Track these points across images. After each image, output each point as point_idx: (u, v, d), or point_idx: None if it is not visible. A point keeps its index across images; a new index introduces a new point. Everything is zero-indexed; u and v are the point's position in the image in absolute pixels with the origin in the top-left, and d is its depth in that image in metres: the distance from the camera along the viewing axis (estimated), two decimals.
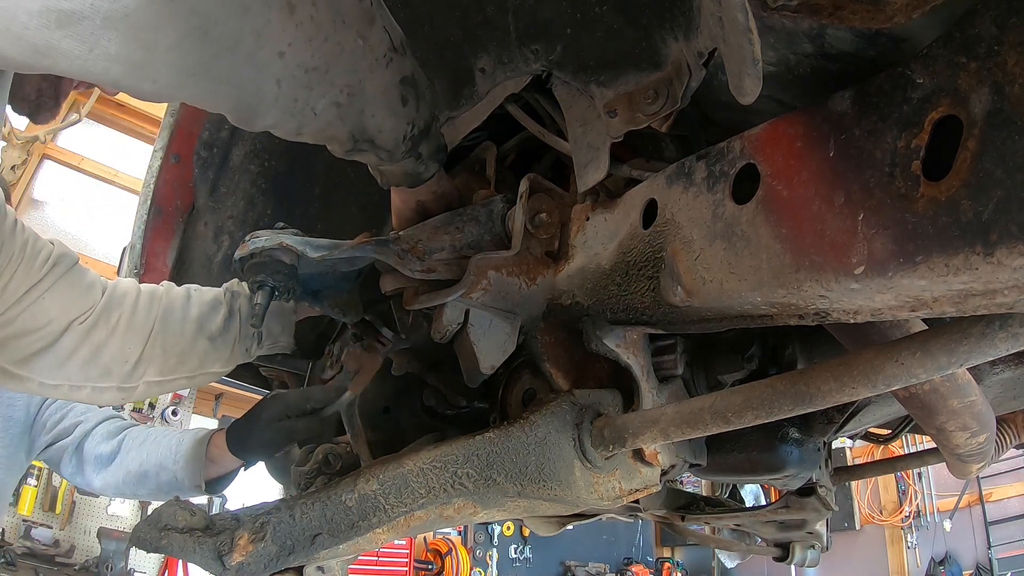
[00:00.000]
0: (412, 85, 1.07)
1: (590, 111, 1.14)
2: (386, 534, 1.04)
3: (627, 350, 1.14)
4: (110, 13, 0.69)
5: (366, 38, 0.95)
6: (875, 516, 7.68)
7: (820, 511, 1.55)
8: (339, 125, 1.00)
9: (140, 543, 0.96)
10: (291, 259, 1.17)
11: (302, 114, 0.94)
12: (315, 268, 1.24)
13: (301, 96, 0.91)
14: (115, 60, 0.73)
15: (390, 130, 1.07)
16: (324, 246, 1.15)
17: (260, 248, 1.15)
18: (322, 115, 0.95)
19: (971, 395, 0.97)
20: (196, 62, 0.78)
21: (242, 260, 1.18)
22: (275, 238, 1.15)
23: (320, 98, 0.93)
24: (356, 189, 1.75)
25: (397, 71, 1.03)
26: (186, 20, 0.74)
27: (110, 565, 5.72)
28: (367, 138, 1.05)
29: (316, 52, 0.87)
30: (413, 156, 1.15)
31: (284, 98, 0.89)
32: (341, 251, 1.14)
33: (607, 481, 1.15)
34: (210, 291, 1.41)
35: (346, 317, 1.45)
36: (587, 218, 1.17)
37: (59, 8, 0.67)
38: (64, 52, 0.71)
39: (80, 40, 0.70)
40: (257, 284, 1.18)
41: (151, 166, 1.68)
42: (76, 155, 7.04)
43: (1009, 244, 0.55)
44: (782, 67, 0.78)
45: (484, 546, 8.36)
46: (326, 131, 1.00)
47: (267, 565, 0.96)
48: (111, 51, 0.72)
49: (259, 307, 1.20)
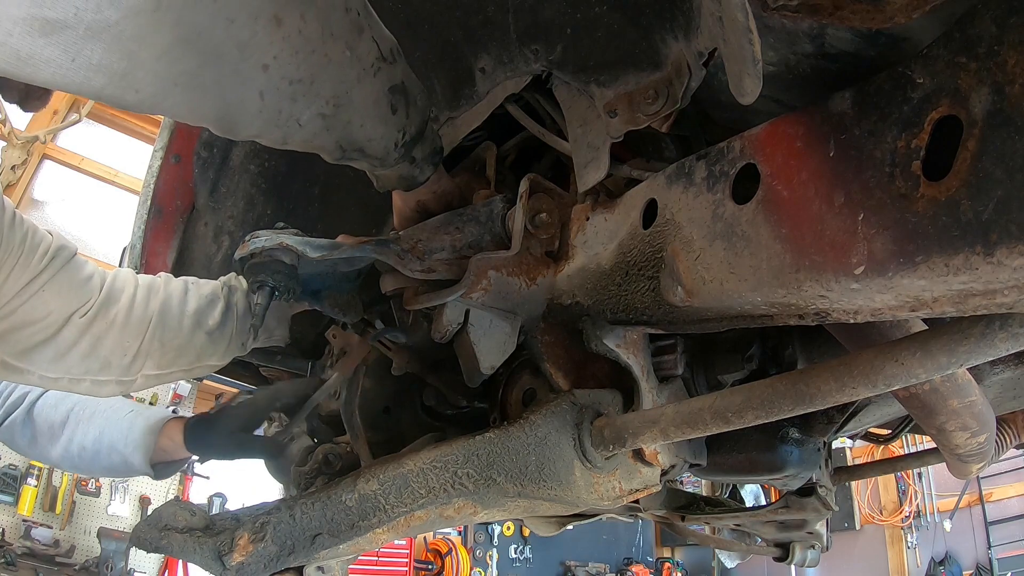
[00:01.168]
0: (402, 93, 1.06)
1: (590, 111, 1.14)
2: (386, 534, 1.05)
3: (627, 350, 1.15)
4: (94, 23, 0.69)
5: (353, 49, 0.94)
6: (875, 516, 7.67)
7: (820, 511, 1.55)
8: (325, 136, 1.00)
9: (140, 543, 0.96)
10: (291, 259, 1.17)
11: (286, 125, 0.93)
12: (315, 268, 1.24)
13: (285, 108, 0.90)
14: (97, 70, 0.73)
15: (380, 138, 1.06)
16: (324, 246, 1.15)
17: (260, 248, 1.15)
18: (307, 126, 0.95)
19: (971, 395, 0.97)
20: (180, 72, 0.78)
21: (242, 260, 1.18)
22: (275, 238, 1.15)
23: (305, 110, 0.92)
24: (356, 189, 1.75)
25: (386, 80, 1.02)
26: (171, 31, 0.73)
27: (110, 565, 5.72)
28: (356, 147, 1.05)
29: (302, 65, 0.87)
30: (407, 161, 1.15)
31: (268, 110, 0.89)
32: (341, 251, 1.14)
33: (607, 481, 1.15)
34: (208, 284, 1.40)
35: (346, 317, 1.45)
36: (587, 218, 1.17)
37: (43, 17, 0.66)
38: (46, 60, 0.70)
39: (63, 49, 0.70)
40: (257, 284, 1.18)
41: (151, 166, 1.67)
42: (76, 155, 7.04)
43: (1009, 244, 0.55)
44: (782, 67, 0.78)
45: (484, 546, 8.35)
46: (312, 141, 1.00)
47: (267, 565, 0.96)
48: (93, 61, 0.72)
49: (259, 307, 1.20)
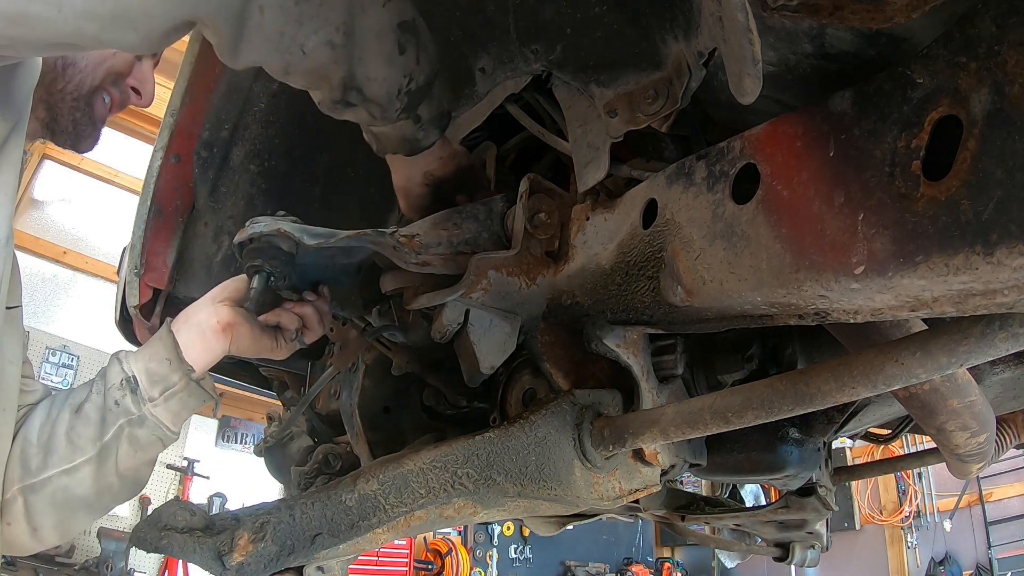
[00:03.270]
0: (412, 32, 0.96)
1: (590, 111, 1.14)
2: (386, 534, 1.05)
3: (627, 350, 1.15)
4: None
5: None
6: (875, 516, 7.67)
7: (820, 511, 1.55)
8: (332, 69, 0.92)
9: (140, 543, 0.96)
10: (289, 246, 1.16)
11: (289, 52, 0.88)
12: (314, 258, 1.23)
13: (288, 31, 0.86)
14: (86, 17, 0.73)
15: (383, 80, 0.97)
16: (321, 234, 1.15)
17: (258, 233, 1.14)
18: (312, 55, 0.89)
19: (971, 395, 0.97)
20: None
21: (240, 245, 1.18)
22: (273, 224, 1.14)
23: (311, 35, 0.87)
24: (356, 189, 1.75)
25: (396, 13, 0.94)
26: None
27: (110, 565, 5.72)
28: (355, 85, 0.96)
29: None
30: (411, 117, 1.06)
31: (269, 28, 0.85)
32: (338, 240, 1.14)
33: (607, 481, 1.15)
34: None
35: (345, 311, 1.45)
36: (587, 218, 1.17)
37: None
38: (35, 16, 0.71)
39: (47, 3, 0.71)
40: (253, 269, 1.18)
41: (151, 166, 1.67)
42: (76, 155, 7.04)
43: (1009, 244, 0.55)
44: (782, 67, 0.78)
45: (484, 546, 8.35)
46: (316, 74, 0.93)
47: (267, 565, 0.96)
48: (78, 7, 0.72)
49: (254, 291, 1.19)
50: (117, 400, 1.14)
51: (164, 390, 1.16)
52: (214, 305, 1.24)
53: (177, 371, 1.17)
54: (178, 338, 1.19)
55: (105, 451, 1.13)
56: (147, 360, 1.17)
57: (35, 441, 1.12)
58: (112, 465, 1.14)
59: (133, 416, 1.14)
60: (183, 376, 1.17)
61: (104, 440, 1.13)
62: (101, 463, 1.13)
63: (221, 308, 1.23)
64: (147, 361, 1.17)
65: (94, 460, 1.13)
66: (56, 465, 1.12)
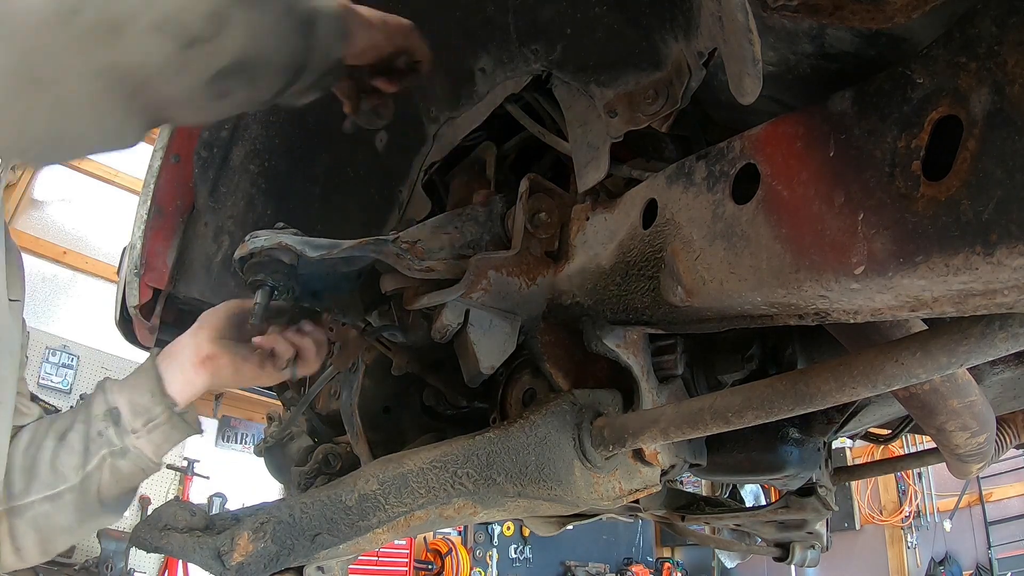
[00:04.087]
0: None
1: (590, 111, 1.14)
2: (386, 534, 1.04)
3: (627, 350, 1.15)
4: None
5: None
6: (875, 516, 7.67)
7: (820, 511, 1.55)
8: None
9: (140, 543, 0.96)
10: (290, 259, 1.17)
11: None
12: (315, 268, 1.24)
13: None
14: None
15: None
16: (323, 246, 1.15)
17: (259, 248, 1.15)
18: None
19: (971, 395, 0.97)
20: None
21: (241, 260, 1.18)
22: (274, 238, 1.15)
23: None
24: (356, 189, 1.75)
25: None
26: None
27: (110, 565, 5.72)
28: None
29: None
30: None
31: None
32: (340, 251, 1.14)
33: (607, 481, 1.15)
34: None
35: (346, 317, 1.45)
36: (587, 218, 1.17)
37: None
38: None
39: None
40: (256, 284, 1.18)
41: (151, 166, 1.68)
42: None
43: (1009, 244, 0.55)
44: (782, 67, 0.78)
45: (484, 546, 8.35)
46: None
47: (267, 565, 0.96)
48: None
49: (258, 306, 1.20)
50: (100, 431, 1.16)
51: (147, 422, 1.18)
52: (195, 338, 1.26)
53: (159, 404, 1.19)
54: (161, 372, 1.21)
55: (88, 480, 1.15)
56: (130, 392, 1.20)
57: (18, 465, 1.14)
58: (94, 493, 1.16)
59: (116, 447, 1.16)
60: (166, 409, 1.19)
61: (87, 469, 1.15)
62: (84, 491, 1.15)
63: (203, 341, 1.25)
64: (130, 393, 1.19)
65: (77, 488, 1.15)
66: (38, 491, 1.14)
